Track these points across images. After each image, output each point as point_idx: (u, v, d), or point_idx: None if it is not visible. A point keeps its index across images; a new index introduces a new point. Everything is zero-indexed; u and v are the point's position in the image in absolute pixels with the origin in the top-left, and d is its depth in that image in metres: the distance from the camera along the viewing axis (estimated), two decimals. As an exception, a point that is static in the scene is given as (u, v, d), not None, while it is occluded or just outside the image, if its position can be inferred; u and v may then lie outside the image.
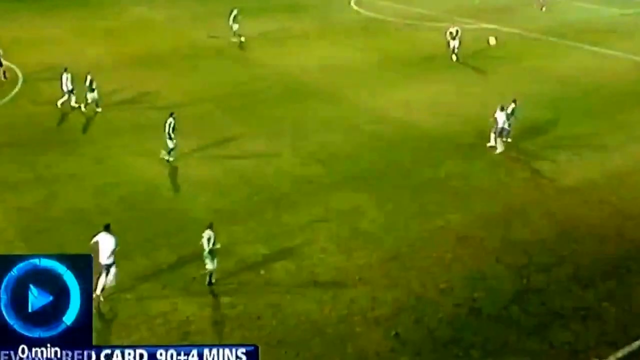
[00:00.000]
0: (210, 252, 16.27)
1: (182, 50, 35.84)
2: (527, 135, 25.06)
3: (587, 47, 37.21)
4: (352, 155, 23.51)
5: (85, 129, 25.74)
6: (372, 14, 44.00)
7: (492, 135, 24.06)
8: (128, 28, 40.16)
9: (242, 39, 37.56)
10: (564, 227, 19.15)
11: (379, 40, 38.33)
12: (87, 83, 26.87)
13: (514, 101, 24.62)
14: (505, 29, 40.21)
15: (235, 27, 37.77)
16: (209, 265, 16.40)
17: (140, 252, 17.51)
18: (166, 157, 22.95)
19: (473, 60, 34.38)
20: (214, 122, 26.27)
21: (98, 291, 15.66)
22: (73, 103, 27.19)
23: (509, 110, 24.20)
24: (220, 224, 17.53)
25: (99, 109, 26.87)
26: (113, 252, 15.73)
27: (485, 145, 23.99)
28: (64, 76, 27.14)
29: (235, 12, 37.87)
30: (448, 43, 34.39)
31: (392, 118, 26.88)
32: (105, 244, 15.73)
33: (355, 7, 46.03)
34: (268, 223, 19.14)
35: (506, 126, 23.89)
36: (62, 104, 27.19)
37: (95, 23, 40.94)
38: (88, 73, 27.06)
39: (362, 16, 43.83)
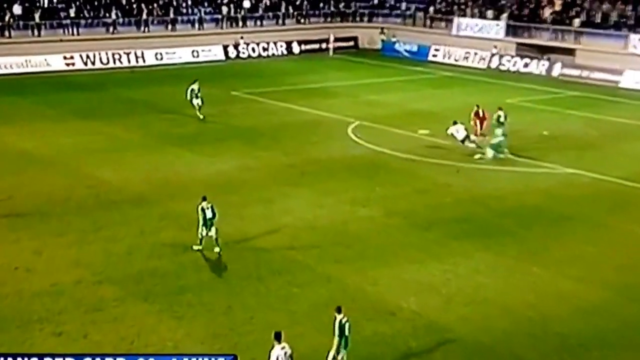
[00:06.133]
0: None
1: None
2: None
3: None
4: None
5: None
6: (372, 146, 36.29)
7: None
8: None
9: (201, 116, 40.15)
10: None
11: (386, 188, 30.62)
12: None
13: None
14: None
15: (196, 102, 40.15)
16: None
17: None
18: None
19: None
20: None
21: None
22: None
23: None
24: None
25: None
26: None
27: None
28: None
29: (194, 86, 39.93)
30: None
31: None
32: None
33: (353, 137, 38.27)
34: None
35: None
36: None
37: None
38: None
39: (361, 149, 36.10)
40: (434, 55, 63.75)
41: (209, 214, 23.43)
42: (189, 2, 64.72)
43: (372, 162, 34.22)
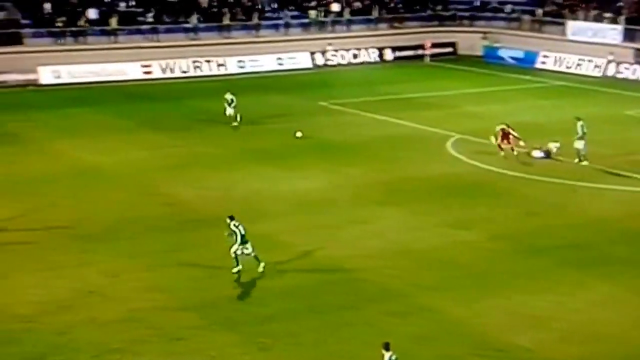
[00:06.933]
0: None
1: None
2: None
3: None
4: None
5: None
6: (474, 162, 35.82)
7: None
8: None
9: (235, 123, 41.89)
10: None
11: (490, 209, 30.11)
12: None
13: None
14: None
15: (229, 112, 41.91)
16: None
17: None
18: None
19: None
20: None
21: None
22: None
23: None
24: None
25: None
26: None
27: None
28: None
29: (228, 96, 42.04)
30: None
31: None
32: None
33: (452, 152, 37.86)
34: None
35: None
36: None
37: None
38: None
39: (462, 166, 35.69)
40: (543, 62, 62.68)
41: (242, 231, 23.64)
42: (274, 6, 65.54)
43: (474, 180, 33.79)
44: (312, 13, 65.54)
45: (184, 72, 57.98)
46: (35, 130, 41.78)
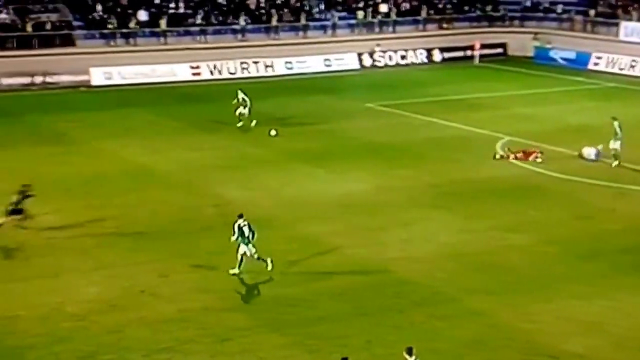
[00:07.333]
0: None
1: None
2: None
3: None
4: None
5: None
6: (525, 165, 35.46)
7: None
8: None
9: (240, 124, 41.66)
10: None
11: (541, 213, 29.75)
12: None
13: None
14: None
15: (239, 111, 41.63)
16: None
17: None
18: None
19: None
20: None
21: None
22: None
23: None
24: None
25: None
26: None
27: None
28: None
29: (242, 95, 41.64)
30: None
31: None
32: None
33: (503, 154, 37.50)
34: None
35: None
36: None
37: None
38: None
39: (512, 168, 35.36)
40: (596, 64, 61.84)
41: (246, 232, 23.60)
42: (322, 7, 65.61)
43: (525, 183, 33.48)
44: (360, 14, 65.50)
45: (232, 73, 58.26)
46: (86, 130, 42.27)
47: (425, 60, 64.88)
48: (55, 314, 21.57)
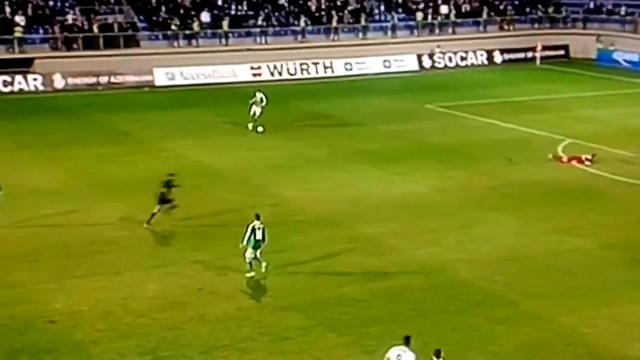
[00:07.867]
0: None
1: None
2: None
3: None
4: None
5: None
6: (586, 168, 35.01)
7: None
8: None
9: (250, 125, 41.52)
10: None
11: (602, 216, 29.33)
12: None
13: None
14: None
15: (253, 109, 41.68)
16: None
17: None
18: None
19: None
20: None
21: None
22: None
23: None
24: None
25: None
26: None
27: None
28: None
29: (260, 95, 41.61)
30: None
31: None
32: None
33: (564, 157, 37.02)
34: None
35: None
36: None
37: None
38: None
39: (573, 171, 34.89)
40: (660, 66, 60.85)
41: (258, 235, 23.53)
42: (382, 8, 65.54)
43: (586, 186, 33.10)
44: (419, 15, 65.27)
45: (292, 74, 58.63)
46: (149, 130, 42.94)
47: (486, 62, 64.43)
48: (117, 311, 21.93)
